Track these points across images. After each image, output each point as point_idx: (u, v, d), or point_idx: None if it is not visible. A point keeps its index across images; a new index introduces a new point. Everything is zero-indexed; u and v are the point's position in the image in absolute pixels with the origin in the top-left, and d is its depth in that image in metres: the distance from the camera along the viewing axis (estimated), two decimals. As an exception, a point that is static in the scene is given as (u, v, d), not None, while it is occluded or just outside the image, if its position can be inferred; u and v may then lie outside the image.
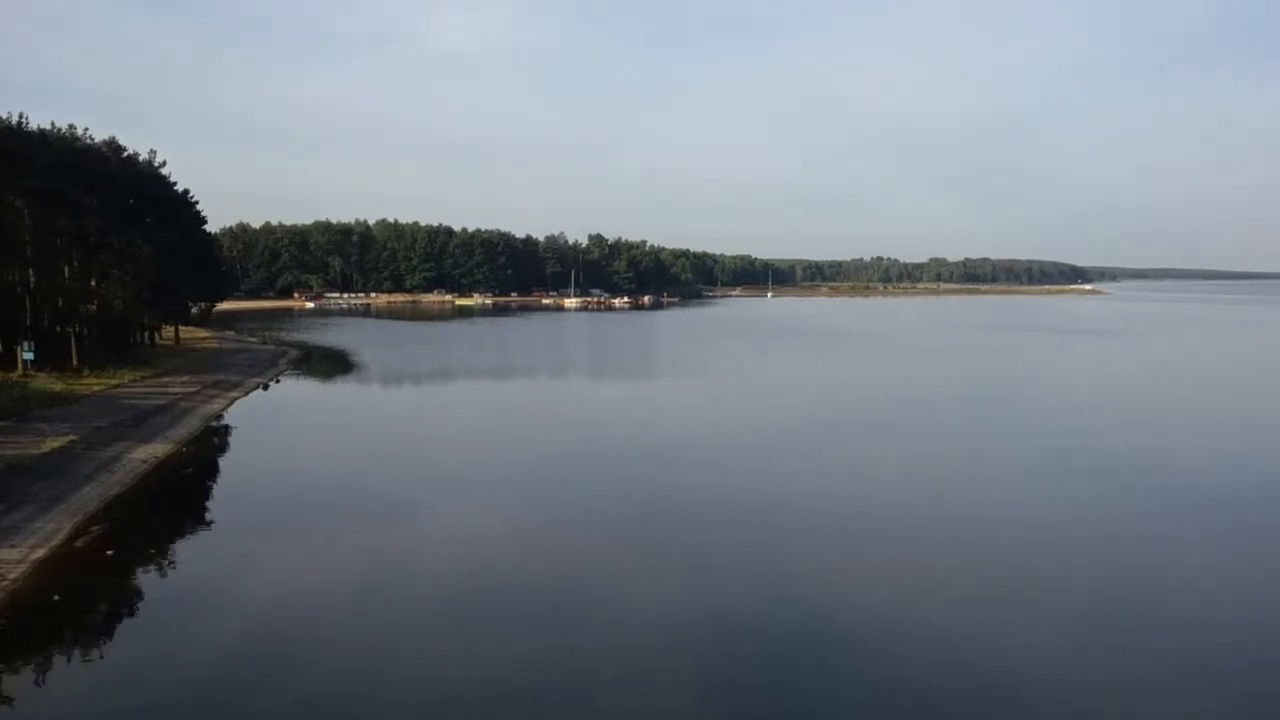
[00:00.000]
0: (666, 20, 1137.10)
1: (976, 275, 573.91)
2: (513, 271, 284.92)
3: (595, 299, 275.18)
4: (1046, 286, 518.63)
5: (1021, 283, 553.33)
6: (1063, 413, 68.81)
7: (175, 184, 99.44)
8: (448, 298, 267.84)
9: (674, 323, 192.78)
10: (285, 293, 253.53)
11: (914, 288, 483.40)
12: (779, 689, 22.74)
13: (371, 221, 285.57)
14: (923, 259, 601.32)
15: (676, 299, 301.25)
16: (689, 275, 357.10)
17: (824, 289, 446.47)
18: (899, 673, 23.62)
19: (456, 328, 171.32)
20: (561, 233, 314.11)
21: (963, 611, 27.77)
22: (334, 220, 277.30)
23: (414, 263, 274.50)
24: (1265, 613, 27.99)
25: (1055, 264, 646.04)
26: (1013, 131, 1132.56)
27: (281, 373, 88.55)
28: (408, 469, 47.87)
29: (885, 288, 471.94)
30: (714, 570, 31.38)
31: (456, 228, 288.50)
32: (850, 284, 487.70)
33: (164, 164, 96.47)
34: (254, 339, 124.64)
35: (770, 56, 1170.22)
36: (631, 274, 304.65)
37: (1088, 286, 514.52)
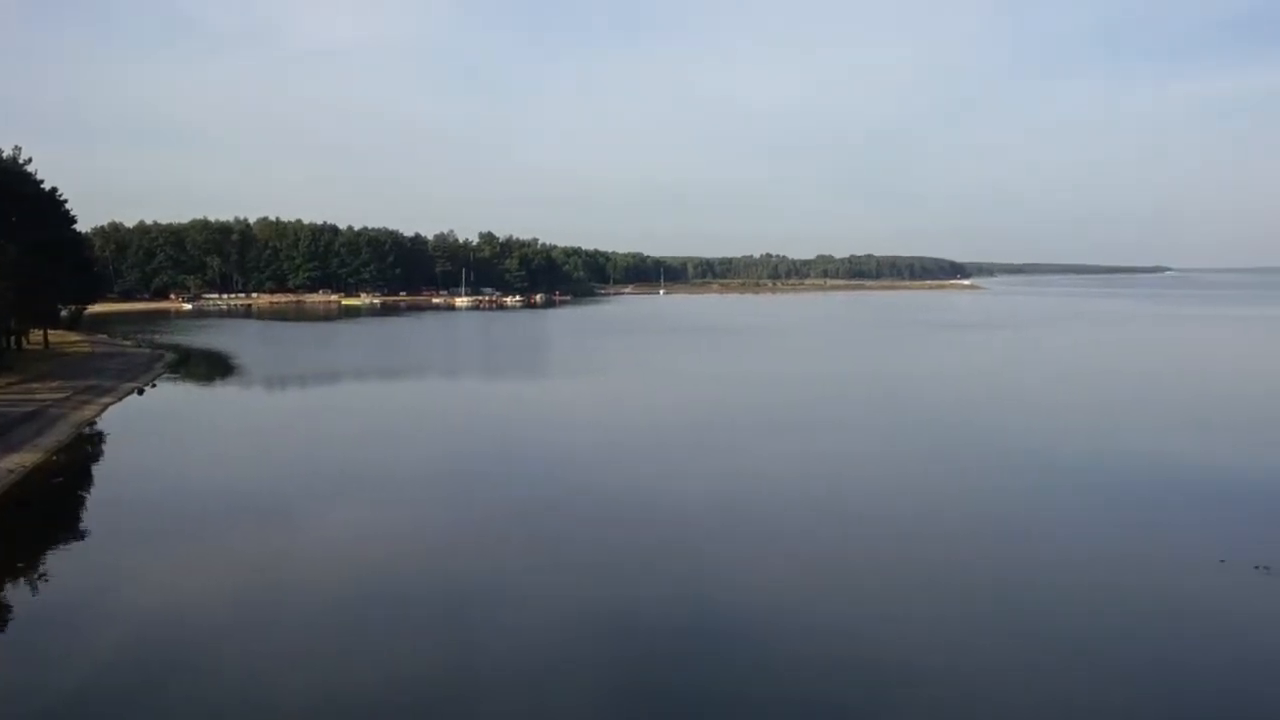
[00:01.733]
0: (559, 17, 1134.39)
1: (862, 271, 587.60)
2: (401, 270, 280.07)
3: (487, 297, 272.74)
4: (928, 282, 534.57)
5: (904, 278, 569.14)
6: (944, 406, 71.36)
7: (42, 182, 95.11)
8: (333, 298, 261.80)
9: (567, 321, 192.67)
10: (161, 294, 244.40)
11: (802, 284, 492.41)
12: (673, 686, 23.24)
13: (252, 220, 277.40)
14: (810, 256, 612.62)
15: (569, 297, 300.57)
16: (581, 273, 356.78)
17: (715, 286, 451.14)
18: (790, 664, 24.39)
19: (344, 328, 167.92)
20: (451, 231, 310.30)
21: (849, 602, 28.80)
22: (213, 219, 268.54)
23: (298, 262, 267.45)
24: (1125, 592, 29.71)
25: (936, 260, 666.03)
26: (898, 132, 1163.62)
27: (158, 377, 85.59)
28: (292, 474, 46.98)
29: (775, 284, 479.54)
30: (607, 568, 31.79)
31: (342, 226, 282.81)
32: (741, 281, 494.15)
33: (29, 161, 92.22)
34: (128, 342, 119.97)
35: (665, 56, 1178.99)
36: (523, 272, 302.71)
37: (966, 282, 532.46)
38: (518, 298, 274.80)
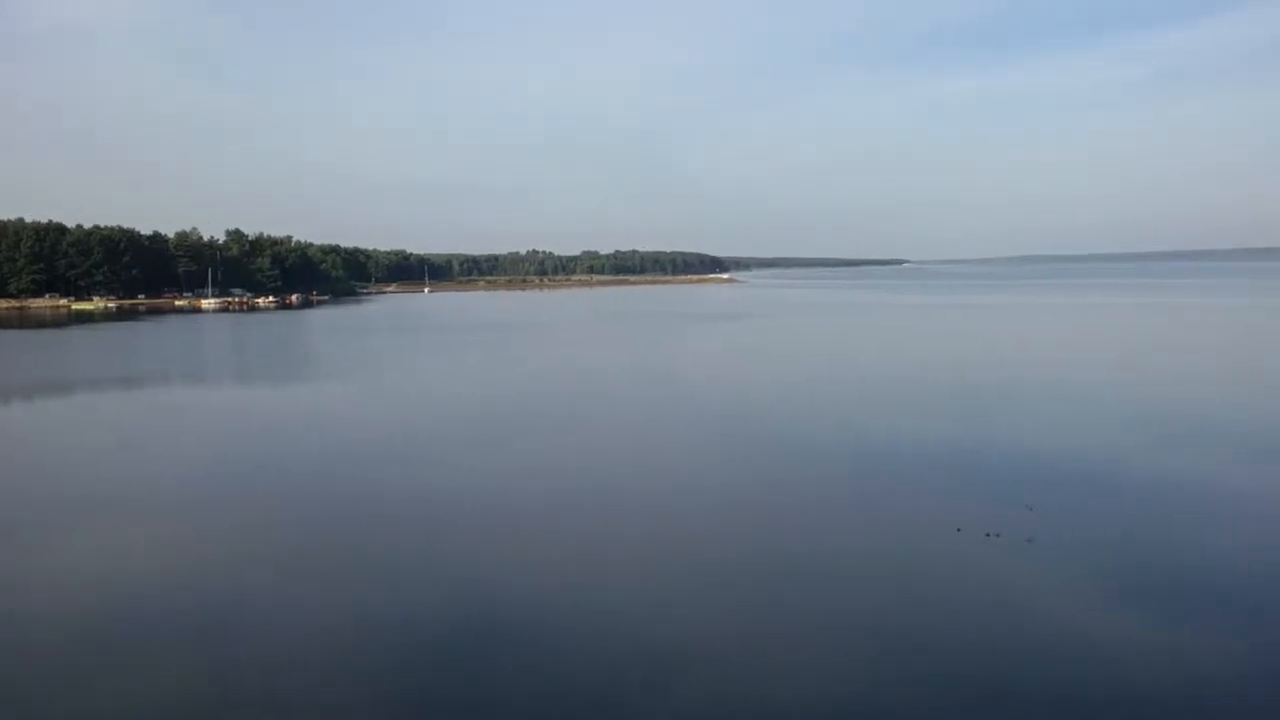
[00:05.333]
0: (313, 9, 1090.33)
1: (626, 266, 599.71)
2: (139, 272, 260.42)
3: (237, 299, 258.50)
4: (690, 276, 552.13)
5: (667, 273, 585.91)
6: (694, 395, 73.16)
7: None
8: (63, 302, 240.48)
9: (326, 322, 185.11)
10: None
11: (569, 280, 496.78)
12: (446, 687, 22.13)
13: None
14: (576, 252, 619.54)
15: (328, 297, 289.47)
16: (340, 272, 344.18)
17: (482, 283, 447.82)
18: (563, 655, 23.75)
19: (75, 335, 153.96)
20: (195, 229, 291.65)
21: (607, 589, 28.52)
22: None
23: (19, 264, 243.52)
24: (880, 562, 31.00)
25: (697, 255, 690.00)
26: (658, 132, 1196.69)
27: None
28: (22, 491, 42.08)
29: (542, 281, 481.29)
30: (373, 573, 30.14)
31: (71, 224, 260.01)
32: (508, 277, 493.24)
33: None
34: None
35: (422, 53, 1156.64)
36: (277, 271, 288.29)
37: (725, 275, 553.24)
38: (271, 299, 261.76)
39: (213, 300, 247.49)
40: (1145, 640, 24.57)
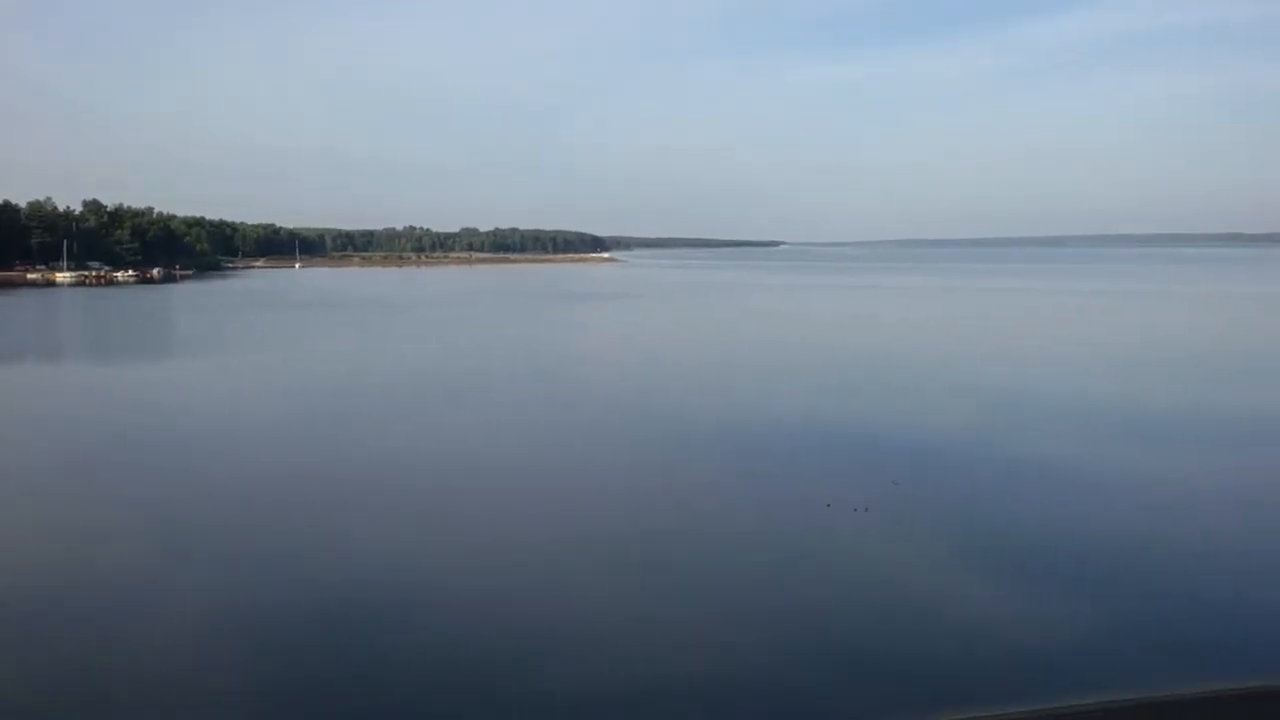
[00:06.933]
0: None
1: (506, 244, 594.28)
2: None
3: (94, 272, 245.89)
4: (570, 255, 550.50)
5: (548, 251, 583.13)
6: (574, 374, 73.32)
7: None
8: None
9: (185, 297, 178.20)
10: None
11: (447, 257, 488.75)
12: (325, 671, 21.70)
13: None
14: (454, 228, 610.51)
15: (192, 272, 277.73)
16: (205, 245, 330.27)
17: (356, 259, 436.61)
18: (444, 639, 23.49)
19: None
20: (49, 198, 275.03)
21: (502, 572, 28.35)
22: None
23: None
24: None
25: (578, 234, 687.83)
26: (540, 108, 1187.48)
27: None
28: None
29: (419, 257, 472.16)
30: (252, 556, 29.29)
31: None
32: (384, 254, 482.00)
33: None
34: None
35: (289, 20, 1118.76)
36: (137, 244, 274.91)
37: (606, 255, 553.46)
38: (131, 273, 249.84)
39: (68, 274, 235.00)
40: (997, 608, 25.75)
